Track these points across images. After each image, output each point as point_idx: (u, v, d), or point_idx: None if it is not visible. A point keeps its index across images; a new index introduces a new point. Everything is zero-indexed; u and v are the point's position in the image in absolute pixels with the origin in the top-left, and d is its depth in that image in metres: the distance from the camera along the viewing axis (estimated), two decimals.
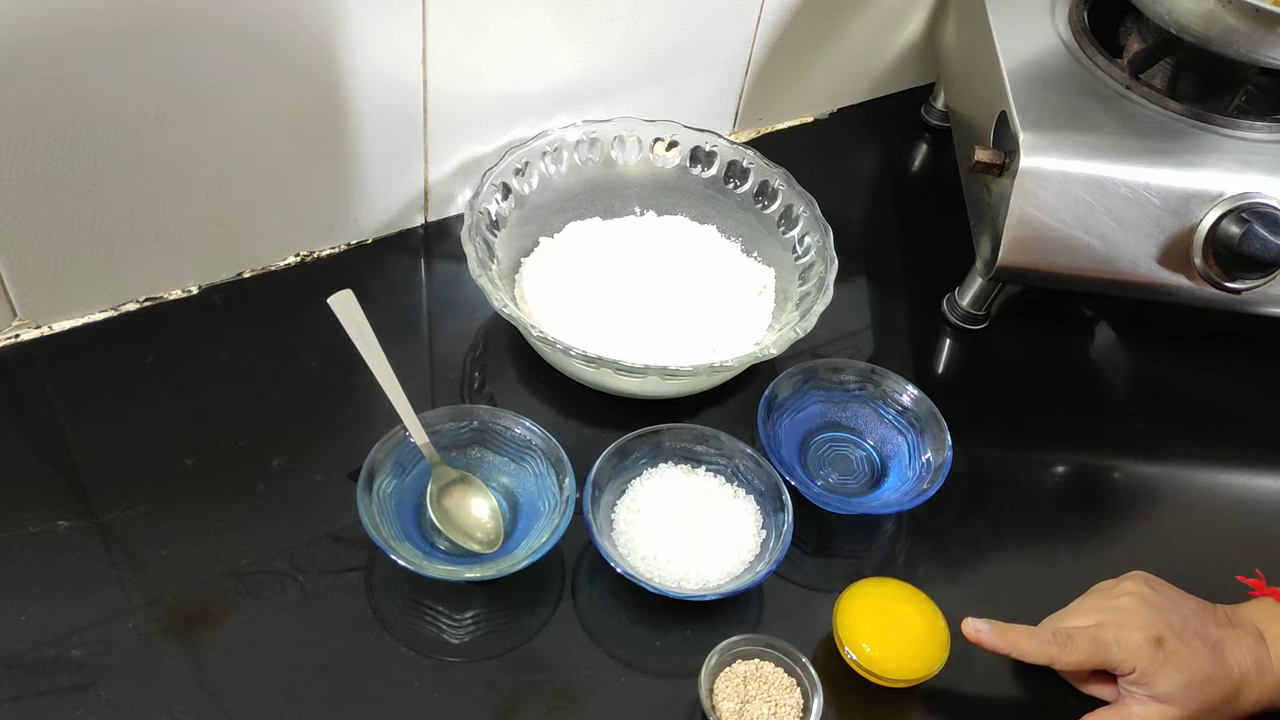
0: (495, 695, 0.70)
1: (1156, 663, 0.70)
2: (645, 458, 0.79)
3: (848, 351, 0.91)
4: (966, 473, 0.85)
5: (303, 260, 0.92)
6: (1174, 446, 0.91)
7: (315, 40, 0.78)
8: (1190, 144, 0.84)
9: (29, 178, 0.75)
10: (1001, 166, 0.84)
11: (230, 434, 0.80)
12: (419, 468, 0.77)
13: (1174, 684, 0.70)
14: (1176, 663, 0.70)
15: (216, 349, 0.85)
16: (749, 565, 0.75)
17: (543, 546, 0.72)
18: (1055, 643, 0.71)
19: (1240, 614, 0.74)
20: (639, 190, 0.95)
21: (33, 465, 0.76)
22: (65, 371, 0.82)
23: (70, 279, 0.82)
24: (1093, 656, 0.71)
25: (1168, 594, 0.74)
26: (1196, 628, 0.72)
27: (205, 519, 0.75)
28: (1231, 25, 0.79)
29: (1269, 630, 0.73)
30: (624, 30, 0.92)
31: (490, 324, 0.90)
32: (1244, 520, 0.87)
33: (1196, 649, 0.71)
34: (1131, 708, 0.71)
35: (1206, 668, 0.70)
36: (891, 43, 1.12)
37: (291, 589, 0.73)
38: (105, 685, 0.67)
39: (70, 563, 0.72)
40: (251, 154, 0.82)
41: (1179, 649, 0.70)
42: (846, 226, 0.93)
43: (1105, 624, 0.72)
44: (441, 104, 0.88)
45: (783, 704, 0.69)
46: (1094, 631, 0.71)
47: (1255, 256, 0.80)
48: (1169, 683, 0.70)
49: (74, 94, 0.72)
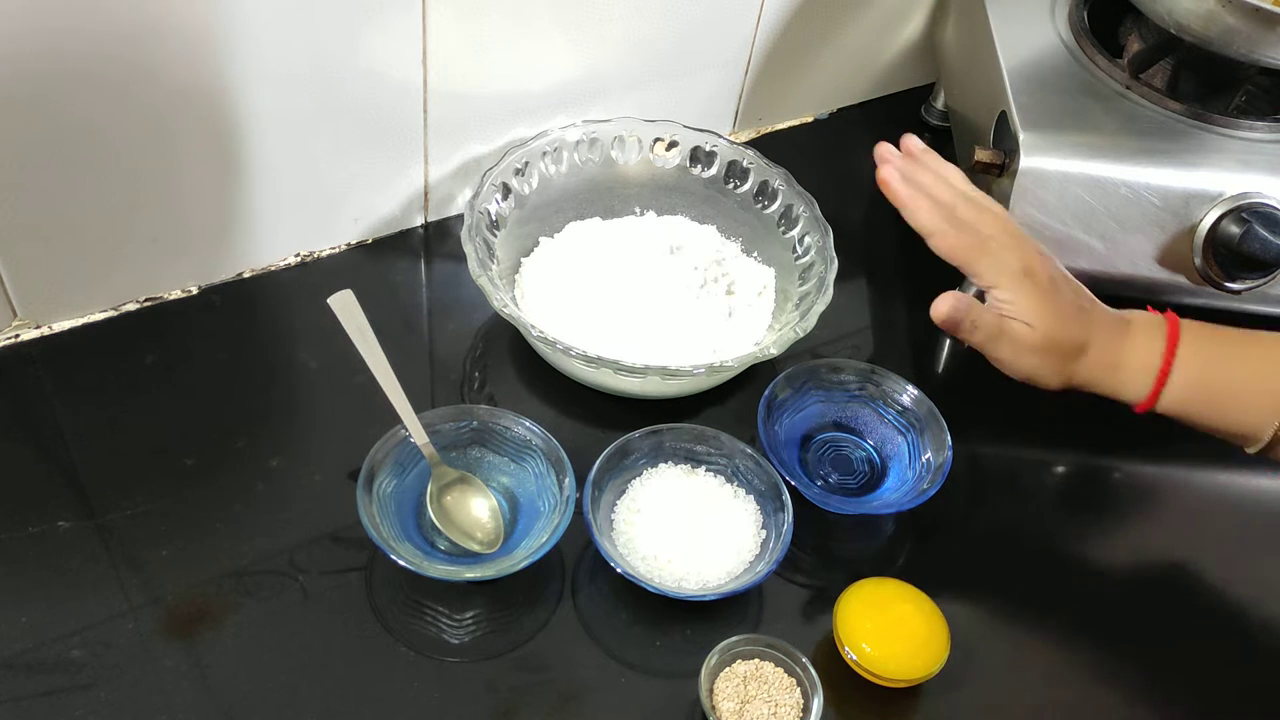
0: (495, 695, 0.70)
1: (1018, 285, 0.74)
2: (645, 458, 0.79)
3: (848, 351, 0.91)
4: (966, 473, 0.85)
5: (303, 260, 0.92)
6: (1174, 446, 0.91)
7: (315, 40, 0.78)
8: (1190, 144, 0.84)
9: (29, 178, 0.75)
10: (1001, 166, 0.84)
11: (230, 434, 0.80)
12: (419, 468, 0.77)
13: (1033, 309, 0.74)
14: (1037, 293, 0.74)
15: (216, 349, 0.85)
16: (749, 565, 0.75)
17: (543, 546, 0.72)
18: (949, 221, 0.76)
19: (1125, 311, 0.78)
20: (639, 190, 0.95)
21: (33, 465, 0.76)
22: (65, 371, 0.82)
23: (70, 279, 0.82)
24: (967, 251, 0.75)
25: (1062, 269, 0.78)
26: (1071, 279, 0.77)
27: (205, 519, 0.75)
28: (1231, 25, 0.79)
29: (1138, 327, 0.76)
30: (624, 30, 0.92)
31: (490, 324, 0.90)
32: (1244, 520, 0.87)
33: (1063, 290, 0.75)
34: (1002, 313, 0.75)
35: (1066, 311, 0.75)
36: (891, 43, 1.12)
37: (291, 589, 0.73)
38: (105, 685, 0.67)
39: (70, 563, 0.72)
40: (251, 154, 0.82)
41: (1045, 281, 0.75)
42: (846, 226, 0.92)
43: (996, 237, 0.76)
44: (441, 104, 0.88)
45: (783, 704, 0.69)
46: (983, 236, 0.76)
47: (1255, 256, 0.80)
48: (1028, 307, 0.74)
49: (75, 96, 0.72)
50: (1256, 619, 0.81)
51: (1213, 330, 0.76)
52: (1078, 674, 0.76)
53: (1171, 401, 0.76)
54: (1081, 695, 0.75)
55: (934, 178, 0.79)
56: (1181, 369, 0.75)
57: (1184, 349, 0.75)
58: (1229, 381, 0.75)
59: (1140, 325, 0.77)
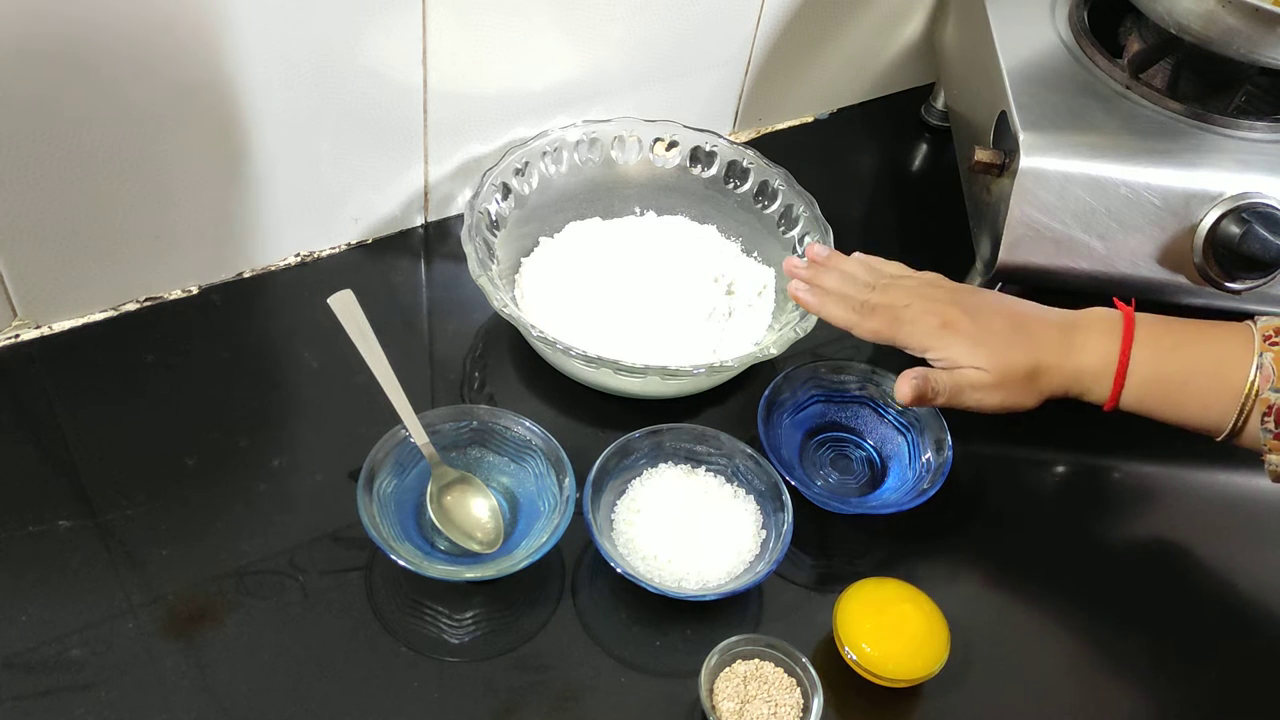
0: (495, 695, 0.70)
1: (945, 341, 0.76)
2: (645, 458, 0.79)
3: (848, 352, 0.91)
4: (966, 473, 0.85)
5: (303, 260, 0.92)
6: (1174, 446, 0.91)
7: (315, 39, 0.78)
8: (1190, 144, 0.84)
9: (29, 178, 0.75)
10: (1001, 166, 0.84)
11: (230, 434, 0.80)
12: (419, 468, 0.77)
13: (971, 354, 0.76)
14: (964, 339, 0.76)
15: (216, 349, 0.85)
16: (749, 565, 0.75)
17: (543, 546, 0.72)
18: (859, 312, 0.79)
19: (1077, 315, 0.78)
20: (639, 190, 0.95)
21: (33, 465, 0.76)
22: (65, 371, 0.82)
23: (70, 279, 0.82)
24: (886, 329, 0.78)
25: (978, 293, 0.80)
26: (999, 310, 0.78)
27: (205, 519, 0.75)
28: (1231, 25, 0.79)
29: (1091, 328, 0.77)
30: (624, 30, 0.92)
31: (490, 324, 0.90)
32: (1243, 520, 0.87)
33: (993, 324, 0.77)
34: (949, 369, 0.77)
35: (1002, 342, 0.76)
36: (891, 43, 1.12)
37: (291, 589, 0.73)
38: (105, 685, 0.67)
39: (70, 563, 0.72)
40: (251, 154, 0.82)
41: (969, 326, 0.76)
42: (846, 226, 0.92)
43: (910, 305, 0.78)
44: (441, 104, 0.88)
45: (783, 704, 0.69)
46: (896, 310, 0.78)
47: (1255, 256, 0.80)
48: (965, 354, 0.76)
49: (75, 94, 0.72)
50: (1257, 617, 0.81)
51: (1167, 324, 0.77)
52: (1078, 674, 0.76)
53: (1132, 399, 0.76)
54: (1081, 695, 0.75)
55: (839, 277, 0.82)
56: (1137, 368, 0.75)
57: (1138, 348, 0.76)
58: (1186, 375, 0.75)
59: (1094, 326, 0.77)
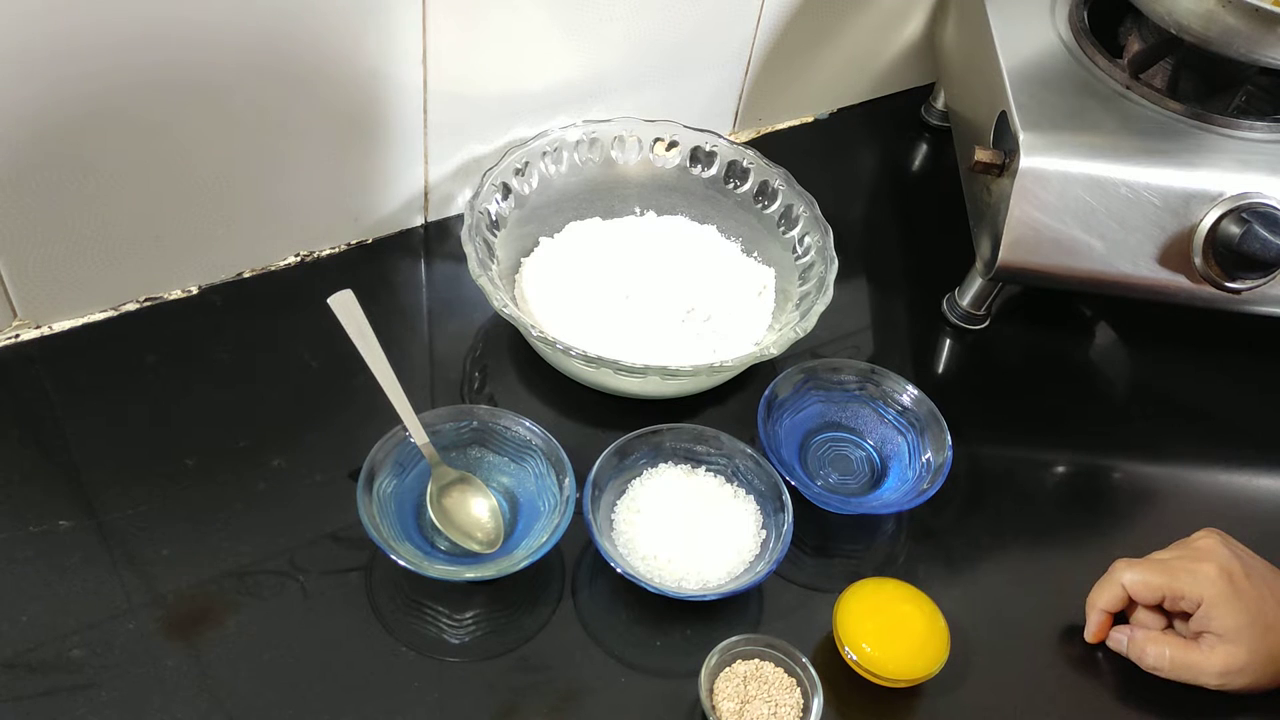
0: (495, 695, 0.70)
1: (1225, 594, 0.71)
2: (645, 458, 0.79)
3: (848, 351, 0.91)
4: (966, 473, 0.85)
5: (303, 260, 0.92)
6: (1174, 446, 0.91)
7: (315, 40, 0.78)
8: (1190, 144, 0.84)
9: (30, 178, 0.75)
10: (1001, 166, 0.84)
11: (230, 434, 0.80)
12: (419, 468, 0.77)
13: (1238, 621, 0.70)
14: (1243, 599, 0.71)
15: (216, 349, 0.85)
16: (749, 565, 0.75)
17: (543, 546, 0.72)
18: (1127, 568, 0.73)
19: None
20: (639, 190, 0.95)
21: (33, 465, 0.76)
22: (65, 371, 0.82)
23: (70, 279, 0.82)
24: (1162, 581, 0.72)
25: (1241, 546, 0.75)
26: (1265, 576, 0.73)
27: (205, 519, 0.75)
28: (1231, 25, 0.79)
29: None
30: (624, 30, 0.92)
31: (490, 324, 0.90)
32: (1243, 520, 0.87)
33: (1263, 593, 0.71)
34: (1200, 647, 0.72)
35: (1271, 614, 0.71)
36: (891, 43, 1.12)
37: (291, 589, 0.73)
38: (105, 685, 0.67)
39: (70, 563, 0.72)
40: (252, 154, 0.82)
41: (1247, 587, 0.71)
42: (846, 226, 0.93)
43: (1180, 557, 0.74)
44: (441, 104, 0.88)
45: (783, 704, 0.69)
46: (1166, 562, 0.73)
47: (1255, 256, 0.80)
48: (1234, 618, 0.70)
49: (76, 95, 0.72)
50: None
51: None
52: (1077, 674, 0.76)
53: None
54: (1081, 695, 0.75)
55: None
56: None
57: None
58: None
59: None
